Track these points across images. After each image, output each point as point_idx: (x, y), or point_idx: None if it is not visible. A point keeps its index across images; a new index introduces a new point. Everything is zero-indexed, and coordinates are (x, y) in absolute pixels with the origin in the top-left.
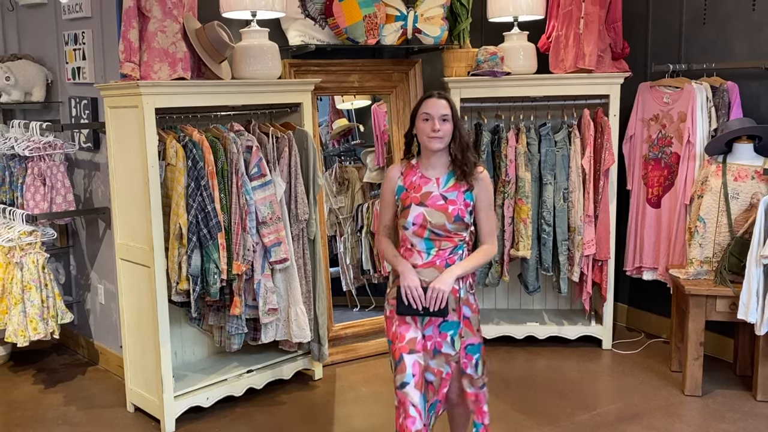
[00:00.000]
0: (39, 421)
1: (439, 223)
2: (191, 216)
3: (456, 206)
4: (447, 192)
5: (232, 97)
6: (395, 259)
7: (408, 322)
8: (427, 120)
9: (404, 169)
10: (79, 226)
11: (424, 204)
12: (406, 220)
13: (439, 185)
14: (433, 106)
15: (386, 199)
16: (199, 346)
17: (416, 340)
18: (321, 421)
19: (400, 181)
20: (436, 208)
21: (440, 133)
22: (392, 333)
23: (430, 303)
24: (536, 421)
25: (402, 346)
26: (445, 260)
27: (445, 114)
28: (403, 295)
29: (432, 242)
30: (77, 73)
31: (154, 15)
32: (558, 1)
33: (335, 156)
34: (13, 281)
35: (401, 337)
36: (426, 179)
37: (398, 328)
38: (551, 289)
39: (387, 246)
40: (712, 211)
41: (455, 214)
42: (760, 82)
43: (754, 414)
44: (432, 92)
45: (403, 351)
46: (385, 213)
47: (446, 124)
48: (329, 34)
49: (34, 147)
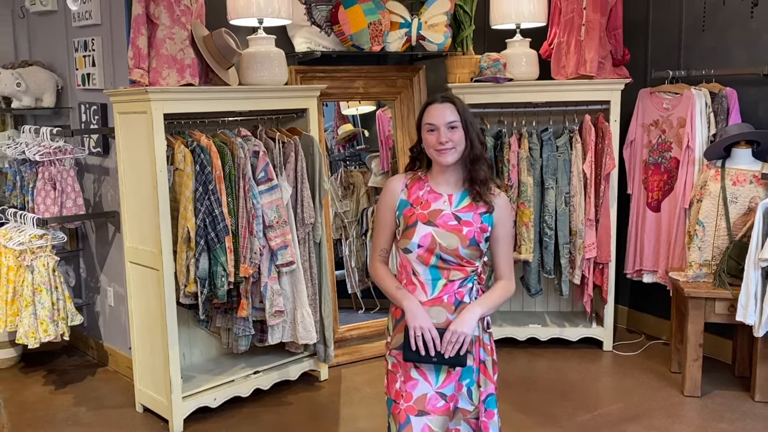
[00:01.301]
0: (49, 422)
1: (450, 246)
2: (199, 220)
3: (472, 228)
4: (461, 212)
5: (240, 103)
6: (399, 292)
7: (416, 377)
8: (432, 131)
9: (409, 181)
10: (88, 229)
11: (432, 223)
12: (410, 241)
13: (452, 203)
14: (437, 115)
15: (384, 217)
16: (206, 347)
17: (427, 399)
18: (327, 422)
19: (404, 195)
20: (447, 229)
21: (449, 144)
22: (395, 391)
23: (446, 349)
24: (538, 422)
25: (409, 406)
26: (454, 295)
27: (452, 121)
28: (412, 339)
29: (439, 271)
30: (87, 79)
31: (162, 22)
32: (560, 8)
33: (341, 161)
34: (24, 284)
35: (407, 396)
36: (436, 195)
37: (404, 385)
38: (553, 292)
39: (386, 275)
40: (711, 215)
41: (471, 236)
42: (758, 88)
43: (752, 414)
44: (435, 96)
45: (410, 413)
46: (382, 233)
47: (456, 132)
48: (335, 41)
49: (45, 152)
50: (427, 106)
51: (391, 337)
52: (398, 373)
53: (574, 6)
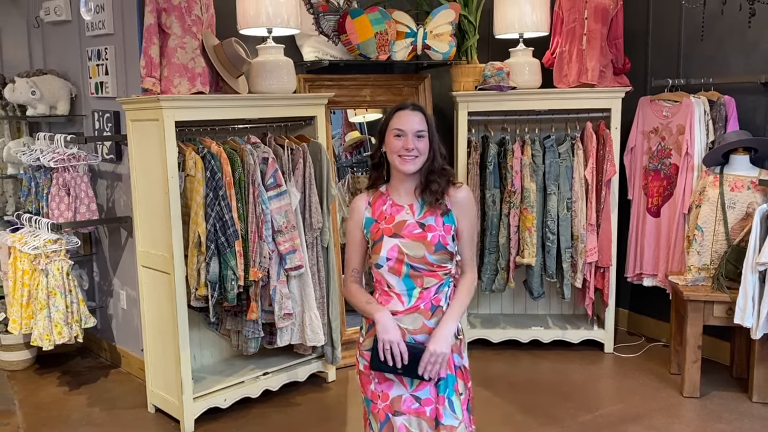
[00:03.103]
0: (64, 422)
1: (417, 255)
2: (209, 225)
3: (436, 232)
4: (424, 218)
5: (249, 111)
6: (369, 306)
7: (391, 378)
8: (399, 137)
9: (371, 198)
10: (102, 234)
11: (398, 235)
12: (379, 256)
13: (414, 212)
14: (406, 121)
15: (353, 237)
16: (217, 349)
17: (402, 400)
18: (334, 422)
19: (368, 213)
20: (413, 239)
21: (414, 152)
22: (371, 391)
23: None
24: (541, 422)
25: (386, 405)
26: (431, 302)
27: (420, 130)
28: (380, 351)
29: (412, 280)
30: (100, 87)
31: (173, 32)
32: (562, 18)
33: (348, 167)
34: (38, 287)
35: (384, 395)
36: (398, 207)
37: (379, 386)
38: (555, 295)
39: (356, 291)
40: (709, 220)
41: (436, 241)
42: (756, 96)
43: (750, 415)
44: (405, 103)
45: (388, 411)
46: (353, 254)
47: (422, 142)
48: (342, 50)
49: (59, 158)
50: (396, 111)
51: (363, 339)
52: (371, 374)
53: (576, 16)
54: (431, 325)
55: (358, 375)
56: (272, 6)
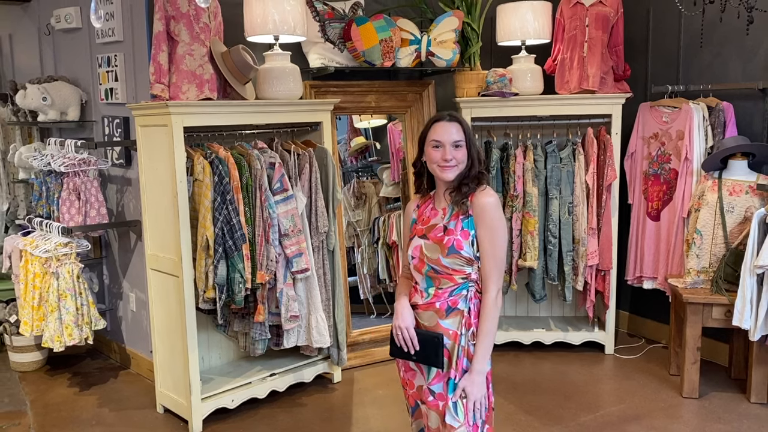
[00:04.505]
0: (74, 422)
1: (433, 257)
2: (217, 228)
3: (452, 236)
4: (449, 222)
5: (256, 117)
6: (396, 296)
7: (413, 368)
8: (437, 147)
9: (420, 202)
10: (111, 238)
11: (426, 236)
12: (408, 254)
13: (444, 216)
14: (443, 132)
15: (407, 236)
16: (224, 351)
17: (423, 390)
18: (340, 422)
19: (415, 215)
20: (434, 241)
21: (453, 162)
22: (402, 378)
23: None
24: (543, 422)
25: (414, 392)
26: (447, 303)
27: (457, 140)
28: (395, 336)
29: (431, 279)
30: (110, 93)
31: (182, 39)
32: (563, 26)
33: (353, 172)
34: (49, 290)
35: (410, 383)
36: (435, 211)
37: (405, 374)
38: (557, 298)
39: (399, 284)
40: (708, 224)
41: (449, 245)
42: (754, 103)
43: (748, 415)
44: (442, 114)
45: (416, 398)
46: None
47: (459, 151)
48: (347, 57)
49: (70, 163)
50: (433, 123)
51: None
52: (399, 361)
53: (577, 23)
54: (445, 326)
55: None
56: (279, 14)
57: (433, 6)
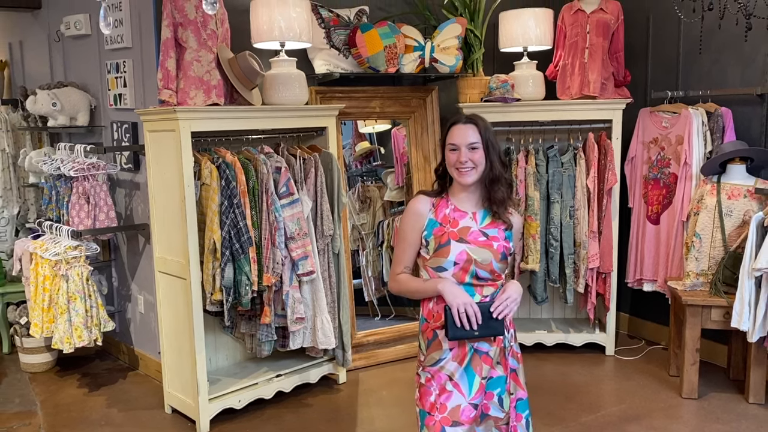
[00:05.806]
0: (83, 422)
1: (485, 261)
2: (224, 232)
3: (500, 243)
4: (486, 229)
5: (263, 122)
6: (428, 283)
7: (450, 389)
8: (454, 150)
9: (435, 200)
10: (120, 241)
11: (464, 240)
12: (446, 260)
13: (477, 221)
14: (459, 135)
15: (408, 238)
16: (231, 352)
17: (461, 410)
18: (345, 423)
19: (432, 215)
20: (479, 245)
21: (469, 164)
22: (430, 403)
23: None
24: (544, 422)
25: (444, 417)
26: None
27: (473, 142)
28: (456, 317)
29: (473, 288)
30: (119, 99)
31: (190, 45)
32: (564, 32)
33: (358, 176)
34: (59, 292)
35: (442, 407)
36: (461, 212)
37: (439, 398)
38: (558, 300)
39: (408, 278)
40: (707, 228)
41: (501, 251)
42: (752, 108)
43: (746, 415)
44: (458, 117)
45: (444, 424)
46: (406, 253)
47: (476, 153)
48: (352, 63)
49: (79, 168)
50: (451, 126)
51: (425, 356)
52: (432, 386)
53: (578, 30)
54: None
55: (419, 388)
56: (285, 21)
57: (437, 13)
